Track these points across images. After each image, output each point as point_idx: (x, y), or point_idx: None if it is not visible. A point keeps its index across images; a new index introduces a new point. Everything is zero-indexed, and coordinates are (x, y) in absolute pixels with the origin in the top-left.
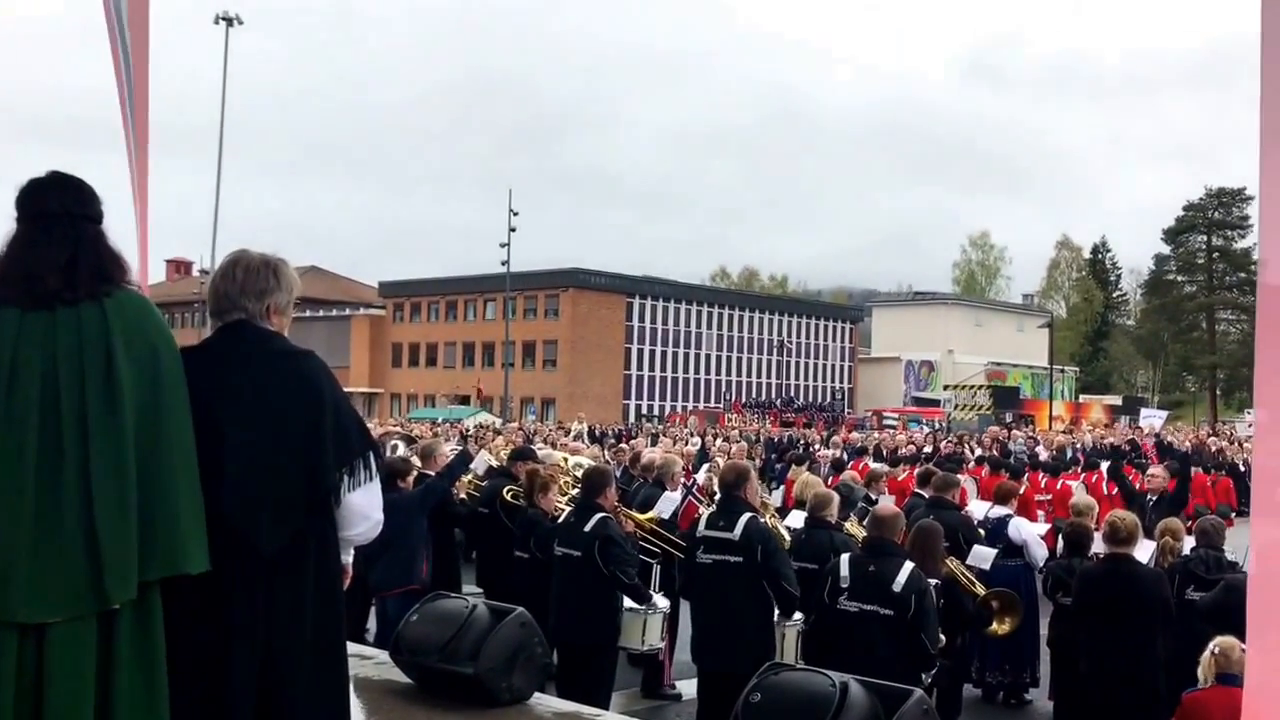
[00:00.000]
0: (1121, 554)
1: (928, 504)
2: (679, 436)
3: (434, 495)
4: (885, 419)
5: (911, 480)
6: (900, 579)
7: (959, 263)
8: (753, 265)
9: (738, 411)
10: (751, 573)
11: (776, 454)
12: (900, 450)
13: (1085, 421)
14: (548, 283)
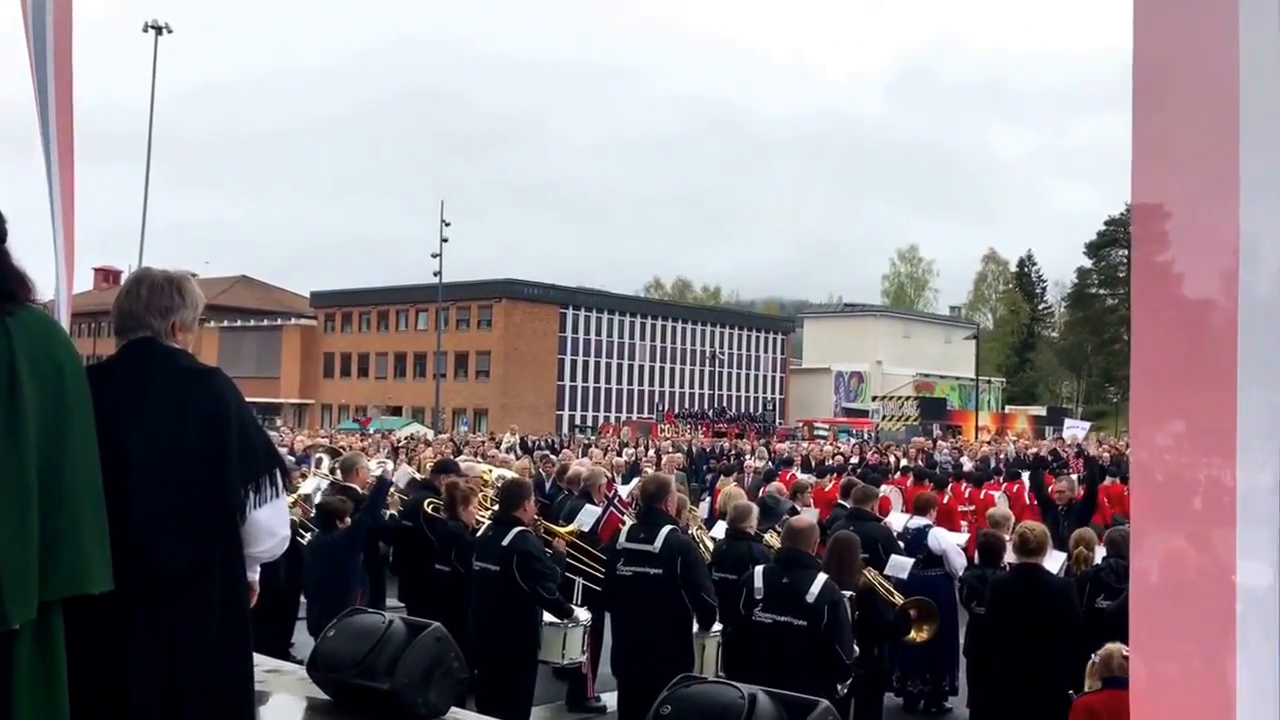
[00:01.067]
0: (1031, 564)
1: (847, 515)
2: (610, 447)
3: (363, 531)
4: (816, 429)
5: (836, 491)
6: (813, 590)
7: (888, 275)
8: (686, 276)
9: (671, 422)
10: (671, 585)
11: (706, 464)
12: (827, 461)
13: (1011, 432)
14: (480, 293)
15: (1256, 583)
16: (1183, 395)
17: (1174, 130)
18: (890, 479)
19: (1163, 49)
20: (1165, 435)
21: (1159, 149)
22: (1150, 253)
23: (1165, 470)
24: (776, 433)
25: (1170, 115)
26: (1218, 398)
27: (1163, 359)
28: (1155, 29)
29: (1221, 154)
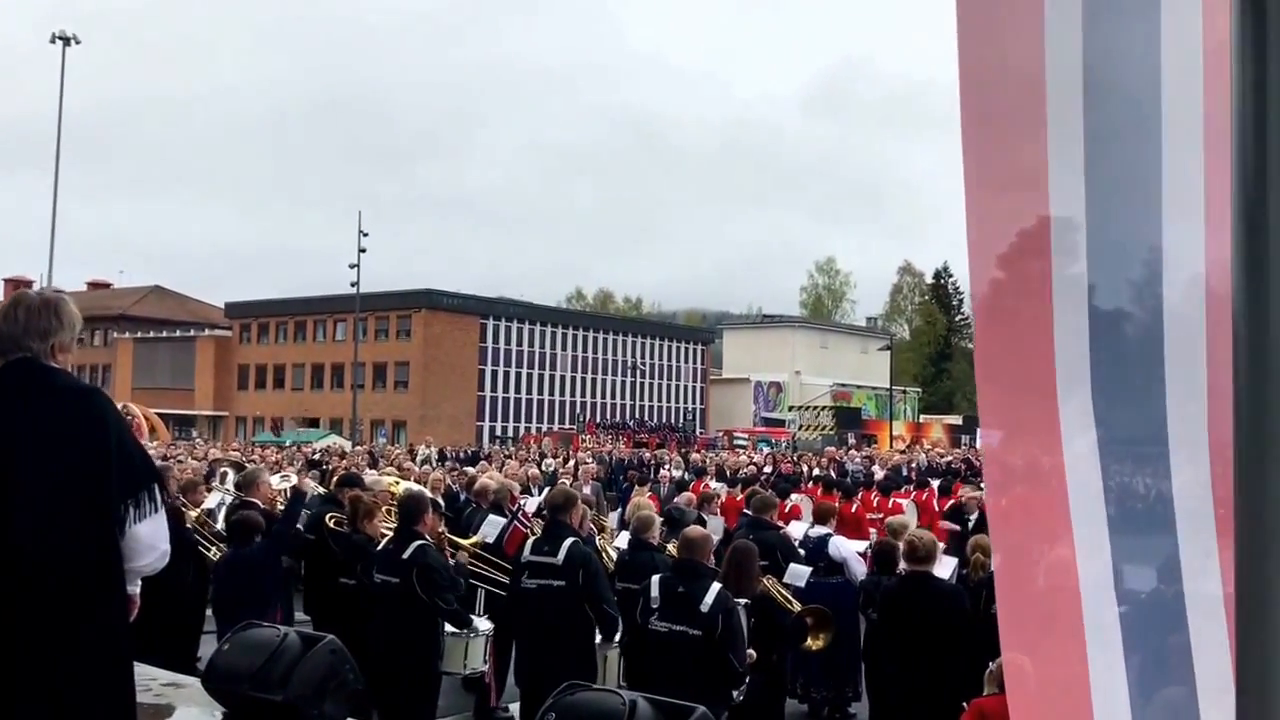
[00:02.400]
0: (920, 571)
1: (747, 524)
2: (528, 459)
3: (281, 543)
4: (736, 439)
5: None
6: (708, 599)
7: (806, 287)
8: (608, 287)
9: (591, 432)
10: (574, 596)
11: (624, 475)
12: (741, 471)
13: (925, 441)
14: (399, 303)
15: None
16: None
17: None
18: (802, 488)
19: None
20: (1053, 447)
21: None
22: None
23: (1046, 479)
24: (696, 442)
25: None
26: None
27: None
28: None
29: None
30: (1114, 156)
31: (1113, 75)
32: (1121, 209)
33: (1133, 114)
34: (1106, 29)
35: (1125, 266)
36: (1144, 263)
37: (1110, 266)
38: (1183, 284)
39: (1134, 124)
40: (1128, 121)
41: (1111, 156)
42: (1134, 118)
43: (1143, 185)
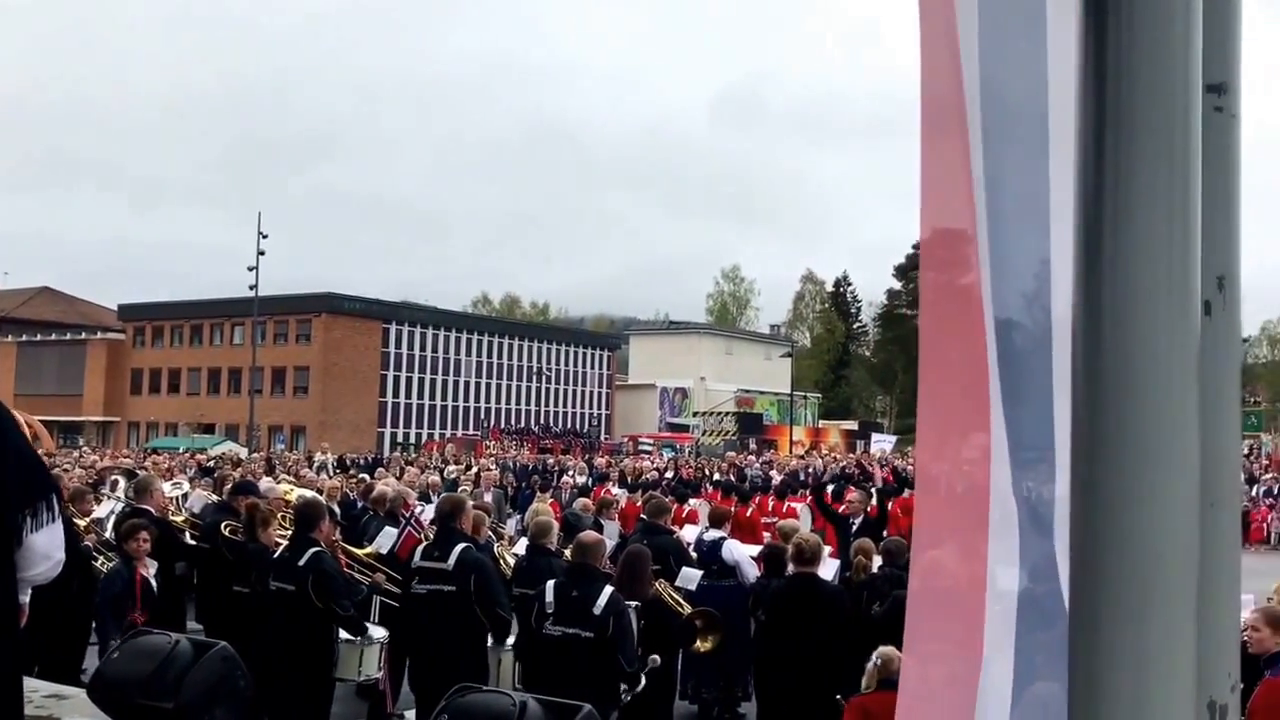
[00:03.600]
0: (806, 573)
1: (642, 529)
2: (428, 466)
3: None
4: (641, 444)
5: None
6: (600, 602)
7: (712, 294)
8: (515, 292)
9: (496, 438)
10: (465, 601)
11: (527, 481)
12: (643, 476)
13: (823, 445)
14: (300, 307)
15: (1021, 587)
16: (973, 413)
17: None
18: (702, 492)
19: (944, 79)
20: (962, 450)
21: (953, 175)
22: (954, 275)
23: (949, 482)
24: (601, 448)
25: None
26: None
27: (959, 378)
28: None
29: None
30: (1009, 171)
31: (1007, 91)
32: (1016, 223)
33: (1025, 130)
34: (999, 46)
35: (1019, 278)
36: (1035, 275)
37: (1007, 278)
38: (1065, 294)
39: (1026, 139)
40: (1021, 137)
41: (1007, 171)
42: (1026, 133)
43: (1033, 199)
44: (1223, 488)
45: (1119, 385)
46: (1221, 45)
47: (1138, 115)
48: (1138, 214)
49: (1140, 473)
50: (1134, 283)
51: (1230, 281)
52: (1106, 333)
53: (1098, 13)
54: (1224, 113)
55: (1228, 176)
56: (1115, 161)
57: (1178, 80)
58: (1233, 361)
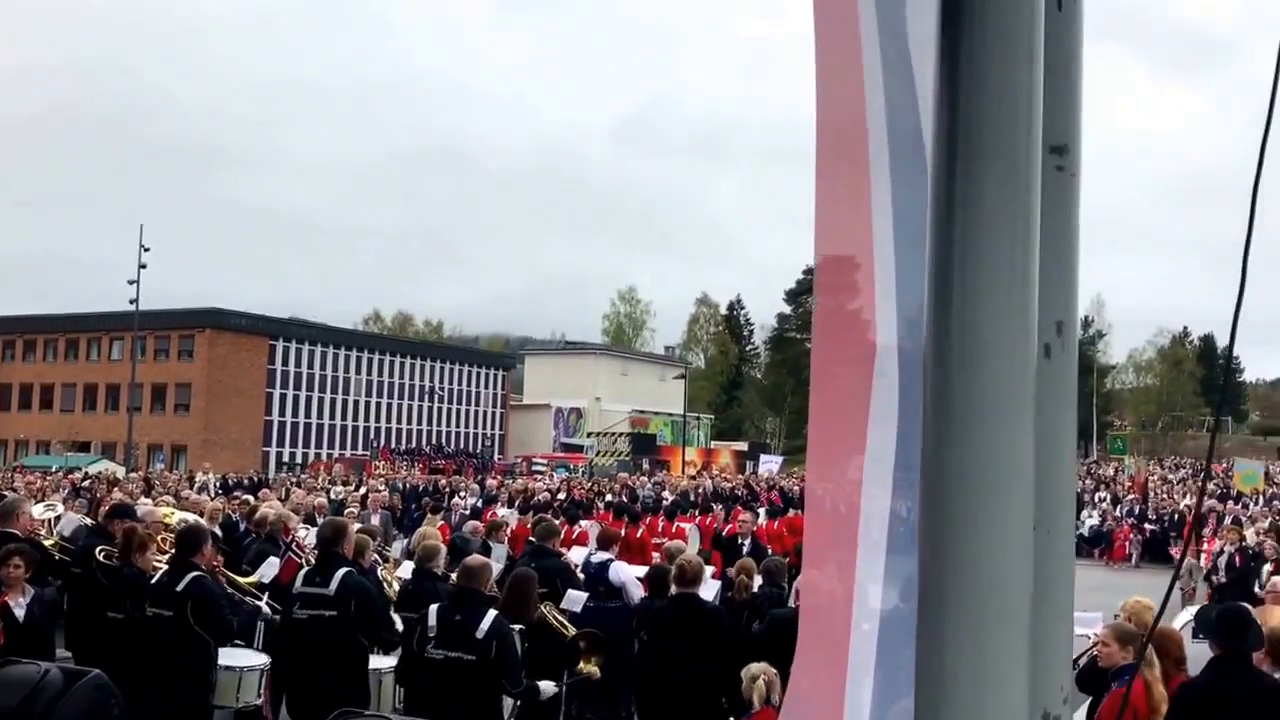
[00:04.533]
0: (687, 593)
1: (530, 552)
2: (315, 487)
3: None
4: (535, 465)
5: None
6: (483, 626)
7: (609, 314)
8: (408, 310)
9: (386, 459)
10: (347, 625)
11: (416, 502)
12: (535, 497)
13: (714, 466)
14: (183, 322)
15: (887, 605)
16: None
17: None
18: (594, 513)
19: (846, 108)
20: (846, 470)
21: (849, 202)
22: (844, 301)
23: (830, 501)
24: (494, 468)
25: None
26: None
27: (845, 401)
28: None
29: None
30: (909, 200)
31: (910, 121)
32: (910, 252)
33: (912, 162)
34: (902, 77)
35: (907, 305)
36: (920, 303)
37: (897, 304)
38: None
39: (914, 170)
40: (923, 168)
41: (908, 200)
42: (913, 166)
43: (920, 228)
44: (1057, 514)
45: (963, 419)
46: (1064, 109)
47: (985, 174)
48: (983, 264)
49: (979, 500)
50: (978, 326)
51: (1068, 326)
52: (953, 371)
53: (951, 83)
54: (1065, 172)
55: (1068, 231)
56: (964, 215)
57: (1020, 143)
58: (1069, 398)
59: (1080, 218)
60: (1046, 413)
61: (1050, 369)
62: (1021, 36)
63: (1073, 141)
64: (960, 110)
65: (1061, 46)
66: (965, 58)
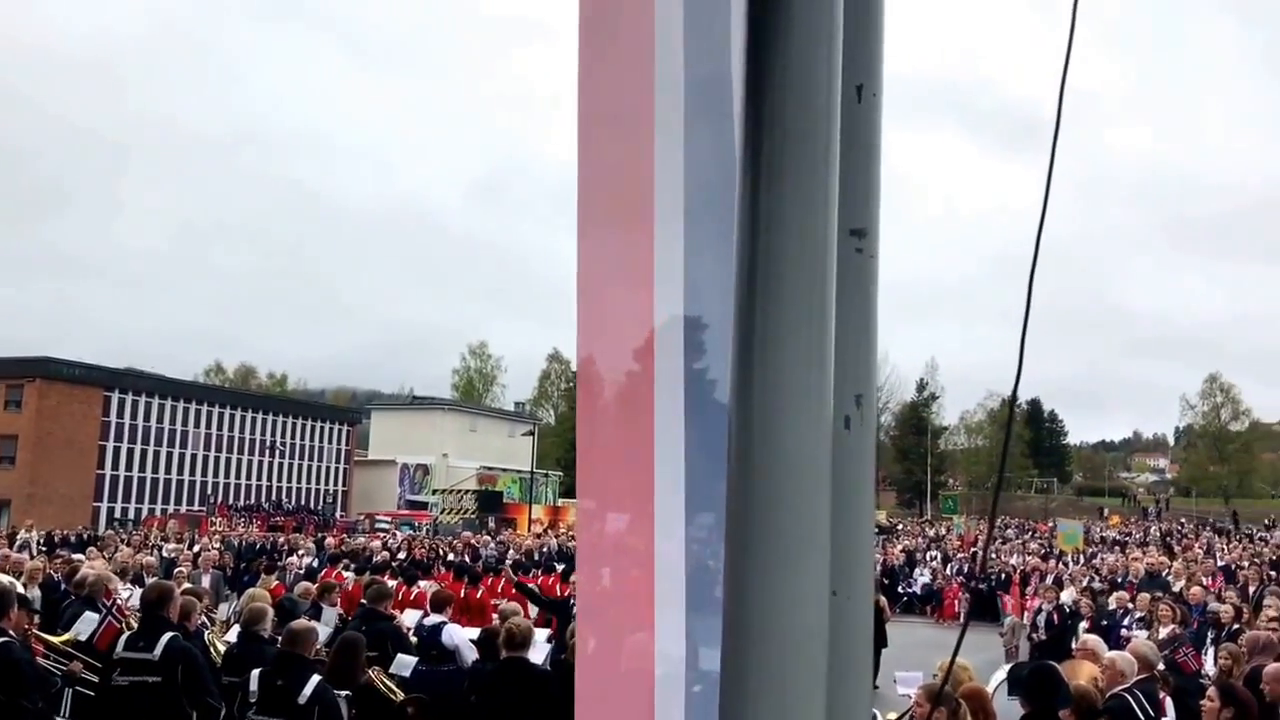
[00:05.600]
0: (517, 656)
1: (361, 614)
2: (145, 544)
3: None
4: (378, 522)
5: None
6: (306, 691)
7: (459, 369)
8: (251, 362)
9: (223, 515)
10: (171, 692)
11: (250, 561)
12: (375, 557)
13: (562, 524)
14: (11, 371)
15: (671, 655)
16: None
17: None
18: (434, 573)
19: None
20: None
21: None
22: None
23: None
24: (337, 525)
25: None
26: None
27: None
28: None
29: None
30: (708, 257)
31: (710, 177)
32: (716, 306)
33: (724, 217)
34: (699, 137)
35: (717, 357)
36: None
37: (718, 356)
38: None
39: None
40: (720, 221)
41: (706, 257)
42: (724, 220)
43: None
44: (855, 580)
45: (763, 488)
46: (863, 195)
47: (784, 256)
48: (784, 340)
49: (778, 567)
50: (779, 399)
51: (866, 400)
52: (755, 442)
53: (754, 167)
54: (864, 253)
55: (866, 310)
56: (765, 292)
57: (819, 226)
58: (867, 467)
59: (879, 296)
60: (846, 481)
61: (850, 439)
62: (820, 128)
63: (871, 225)
64: (761, 197)
65: (861, 136)
66: (765, 149)
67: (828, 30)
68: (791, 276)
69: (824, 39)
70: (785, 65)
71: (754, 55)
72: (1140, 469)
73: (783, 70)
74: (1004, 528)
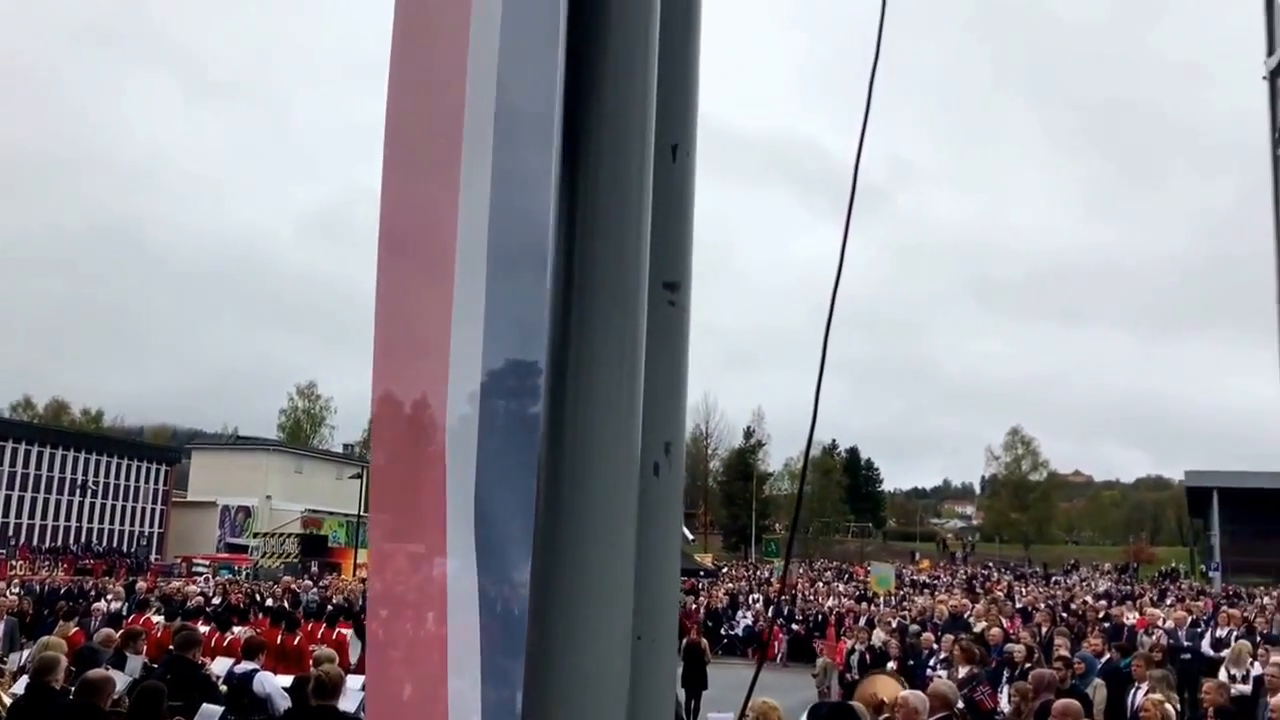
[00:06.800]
0: (326, 705)
1: (165, 662)
2: None
3: None
4: (195, 566)
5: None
6: None
7: (286, 410)
8: (63, 397)
9: (25, 558)
10: None
11: (52, 606)
12: (189, 602)
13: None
14: None
15: (468, 699)
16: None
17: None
18: (251, 619)
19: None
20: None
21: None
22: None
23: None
24: (151, 569)
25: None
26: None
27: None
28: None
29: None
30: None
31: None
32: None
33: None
34: (508, 179)
35: (506, 395)
36: (513, 390)
37: (499, 393)
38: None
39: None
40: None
41: (508, 301)
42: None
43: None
44: (659, 624)
45: (570, 533)
46: (677, 249)
47: (597, 306)
48: (595, 389)
49: (582, 610)
50: (588, 446)
51: (676, 447)
52: (564, 487)
53: (568, 218)
54: (676, 306)
55: (677, 360)
56: (578, 340)
57: (630, 278)
58: (675, 513)
59: (690, 347)
60: (653, 526)
61: (658, 485)
62: (633, 183)
63: (683, 278)
64: (575, 245)
65: (674, 192)
66: (580, 201)
67: (641, 90)
68: (602, 326)
69: (638, 98)
70: (600, 122)
71: (570, 111)
72: (949, 515)
73: (597, 126)
74: (822, 570)
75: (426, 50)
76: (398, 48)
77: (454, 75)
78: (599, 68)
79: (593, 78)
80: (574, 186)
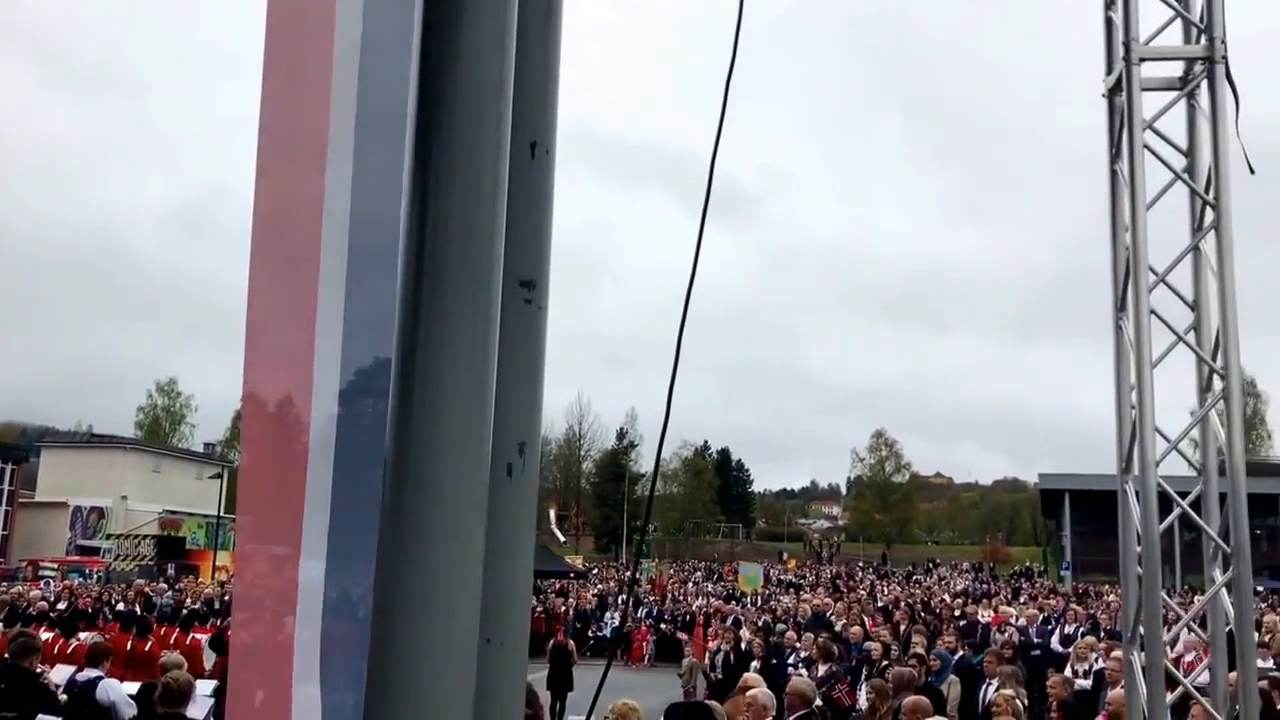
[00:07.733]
0: (174, 712)
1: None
2: None
3: None
4: (43, 569)
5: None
6: None
7: (144, 407)
8: None
9: None
10: None
11: None
12: (30, 607)
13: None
14: None
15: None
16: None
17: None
18: (100, 624)
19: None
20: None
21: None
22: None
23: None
24: None
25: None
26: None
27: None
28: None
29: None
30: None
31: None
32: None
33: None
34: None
35: (376, 394)
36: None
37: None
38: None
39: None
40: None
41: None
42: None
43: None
44: (509, 628)
45: (417, 533)
46: (534, 248)
47: (448, 303)
48: (443, 387)
49: (428, 612)
50: (437, 446)
51: (530, 447)
52: (410, 486)
53: (420, 213)
54: (532, 305)
55: (533, 359)
56: (427, 337)
57: (483, 275)
58: (528, 514)
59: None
60: (505, 528)
61: (512, 486)
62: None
63: (541, 277)
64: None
65: (533, 191)
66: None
67: (497, 87)
68: (454, 323)
69: (493, 95)
70: (451, 119)
71: (423, 105)
72: (816, 515)
73: (449, 123)
74: (692, 570)
75: (295, 44)
76: (270, 42)
77: (320, 73)
78: (452, 65)
79: (446, 75)
80: (425, 183)
